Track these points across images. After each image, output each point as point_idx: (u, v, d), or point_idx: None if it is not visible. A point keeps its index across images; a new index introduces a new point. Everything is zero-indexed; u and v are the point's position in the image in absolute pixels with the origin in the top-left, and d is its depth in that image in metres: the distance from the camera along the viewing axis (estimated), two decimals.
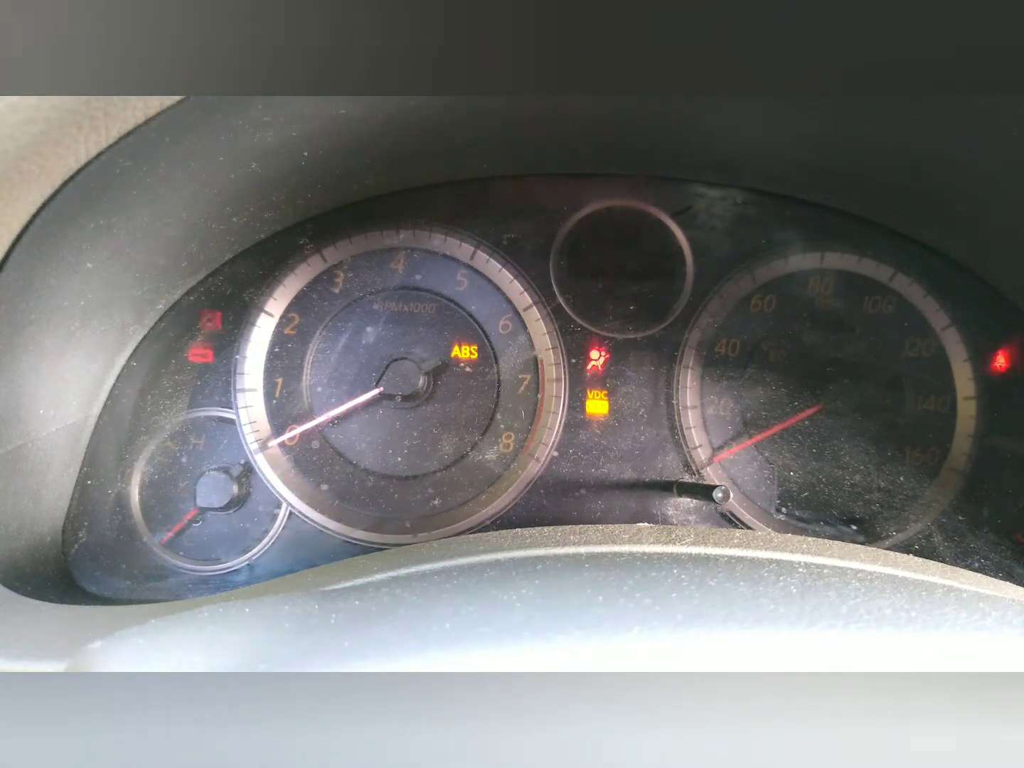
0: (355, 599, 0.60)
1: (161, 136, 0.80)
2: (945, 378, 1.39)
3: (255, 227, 1.27)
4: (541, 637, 0.48)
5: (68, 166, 0.73)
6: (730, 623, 0.49)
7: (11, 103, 0.63)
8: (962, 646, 0.48)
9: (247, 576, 1.33)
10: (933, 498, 1.39)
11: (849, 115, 1.02)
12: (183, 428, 1.35)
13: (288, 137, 0.98)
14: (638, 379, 1.40)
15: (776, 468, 1.40)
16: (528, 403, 1.38)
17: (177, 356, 1.34)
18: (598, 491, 1.39)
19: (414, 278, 1.38)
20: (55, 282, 0.92)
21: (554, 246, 1.39)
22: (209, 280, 1.33)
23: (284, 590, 0.77)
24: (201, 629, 0.54)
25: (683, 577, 0.60)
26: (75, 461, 1.21)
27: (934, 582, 0.68)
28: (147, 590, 1.29)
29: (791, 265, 1.39)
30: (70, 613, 0.80)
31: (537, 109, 1.09)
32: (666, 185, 1.39)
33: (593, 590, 0.57)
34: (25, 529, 1.07)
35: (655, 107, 1.09)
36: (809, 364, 1.39)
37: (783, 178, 1.34)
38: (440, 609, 0.54)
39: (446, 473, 1.37)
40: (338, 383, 1.36)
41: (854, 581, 0.62)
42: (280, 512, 1.35)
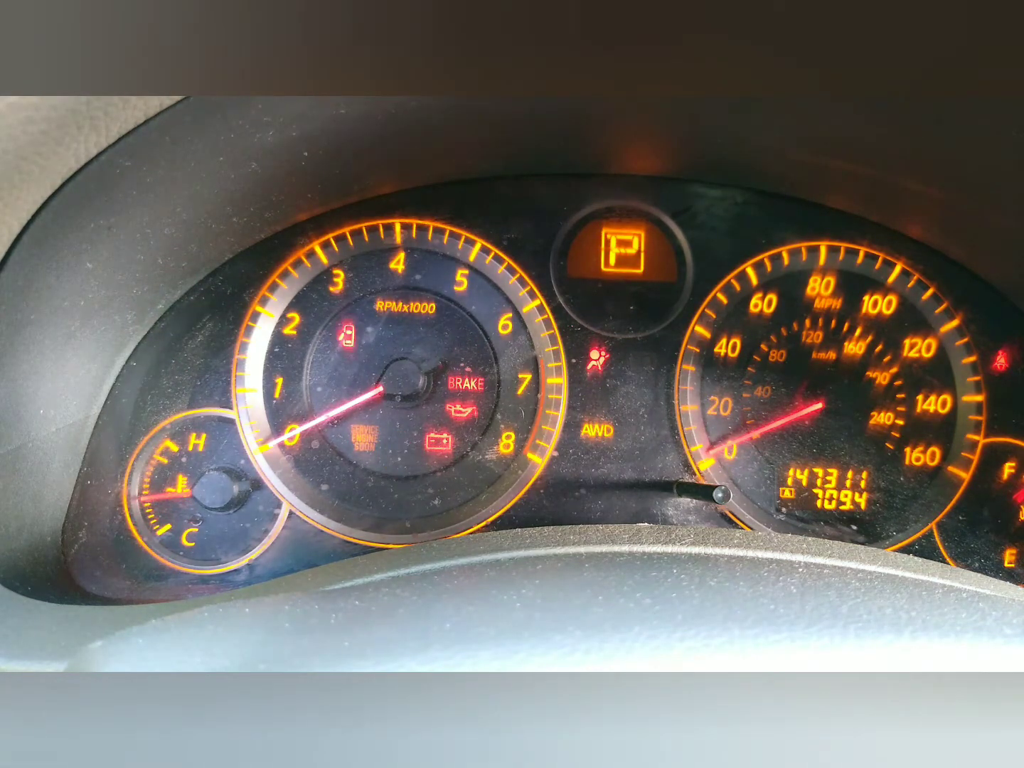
0: (355, 599, 0.60)
1: (161, 136, 0.80)
2: (945, 378, 1.39)
3: (255, 227, 1.27)
4: (541, 637, 0.48)
5: (68, 166, 0.73)
6: (730, 623, 0.49)
7: (11, 103, 0.63)
8: (962, 646, 0.48)
9: (247, 576, 1.33)
10: (933, 498, 1.40)
11: (849, 115, 1.02)
12: (183, 428, 1.35)
13: (288, 137, 0.98)
14: (638, 379, 1.40)
15: (776, 468, 1.40)
16: (528, 403, 1.38)
17: (177, 356, 1.34)
18: (598, 491, 1.39)
19: (414, 278, 1.38)
20: (55, 282, 0.92)
21: (554, 246, 1.39)
22: (209, 280, 1.33)
23: (284, 590, 0.77)
24: (201, 629, 0.54)
25: (683, 577, 0.60)
26: (75, 461, 1.21)
27: (934, 582, 0.68)
28: (147, 590, 1.29)
29: (791, 265, 1.39)
30: (70, 613, 0.80)
31: (537, 109, 1.09)
32: (666, 185, 1.39)
33: (593, 590, 0.57)
34: (25, 529, 1.07)
35: (655, 107, 1.09)
36: (809, 364, 1.39)
37: (783, 178, 1.34)
38: (440, 609, 0.54)
39: (446, 473, 1.37)
40: (338, 383, 1.36)
41: (854, 581, 0.62)
42: (280, 512, 1.35)
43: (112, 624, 0.75)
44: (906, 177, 1.17)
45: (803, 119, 1.07)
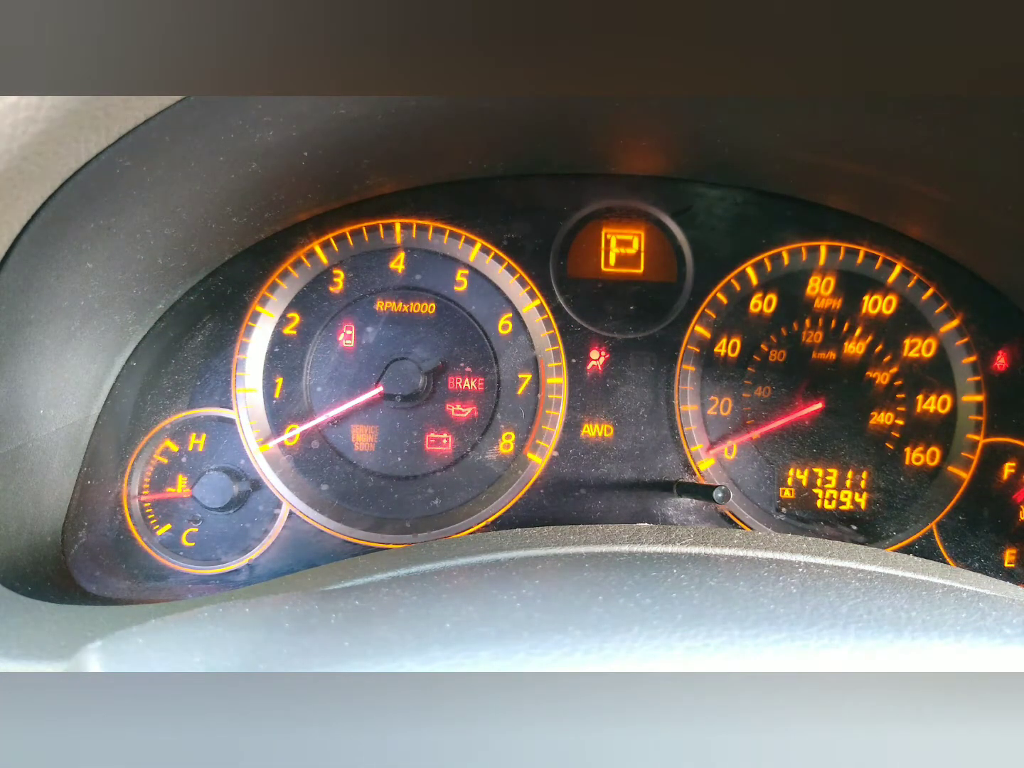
0: (355, 599, 0.60)
1: (161, 136, 0.80)
2: (945, 378, 1.39)
3: (255, 227, 1.27)
4: (541, 637, 0.48)
5: (68, 166, 0.73)
6: (730, 623, 0.49)
7: (11, 103, 0.63)
8: (962, 646, 0.48)
9: (247, 576, 1.33)
10: (933, 498, 1.40)
11: (850, 115, 1.02)
12: (183, 428, 1.35)
13: (288, 137, 0.98)
14: (638, 379, 1.40)
15: (776, 468, 1.40)
16: (528, 403, 1.38)
17: (177, 356, 1.34)
18: (598, 491, 1.39)
19: (414, 278, 1.38)
20: (55, 282, 0.92)
21: (554, 246, 1.39)
22: (209, 280, 1.33)
23: (284, 590, 0.77)
24: (201, 629, 0.54)
25: (683, 577, 0.60)
26: (75, 461, 1.21)
27: (934, 582, 0.68)
28: (147, 590, 1.29)
29: (791, 265, 1.39)
30: (70, 613, 0.79)
31: (537, 109, 1.09)
32: (666, 185, 1.39)
33: (593, 590, 0.57)
34: (25, 529, 1.07)
35: (655, 107, 1.09)
36: (809, 364, 1.39)
37: (783, 178, 1.34)
38: (440, 609, 0.54)
39: (446, 473, 1.37)
40: (338, 383, 1.36)
41: (854, 581, 0.62)
42: (280, 512, 1.35)
43: (112, 624, 0.75)
44: (906, 177, 1.17)
45: (803, 119, 1.07)
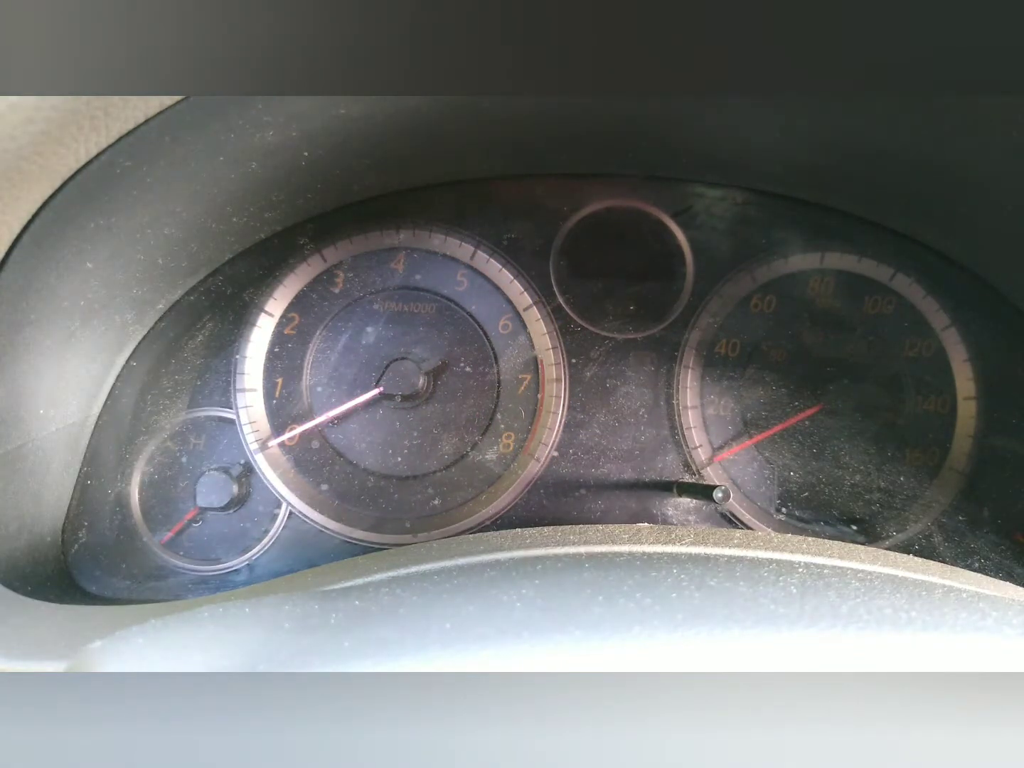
0: (355, 599, 0.60)
1: (161, 136, 0.80)
2: (945, 378, 1.39)
3: (255, 227, 1.27)
4: (541, 637, 0.48)
5: (68, 166, 0.73)
6: (730, 623, 0.49)
7: (11, 103, 0.63)
8: (962, 646, 0.48)
9: (247, 576, 1.33)
10: (933, 498, 1.39)
11: (849, 115, 1.02)
12: (183, 428, 1.35)
13: (288, 137, 0.98)
14: (638, 379, 1.40)
15: (776, 468, 1.40)
16: (528, 403, 1.38)
17: (177, 356, 1.34)
18: (598, 491, 1.39)
19: (414, 278, 1.38)
20: (55, 282, 0.92)
21: (554, 246, 1.39)
22: (209, 280, 1.33)
23: (284, 590, 0.77)
24: (201, 629, 0.54)
25: (683, 577, 0.60)
26: (75, 461, 1.21)
27: (934, 582, 0.68)
28: (147, 590, 1.28)
29: (791, 265, 1.39)
30: (70, 613, 0.80)
31: (538, 109, 1.09)
32: (666, 185, 1.39)
33: (593, 590, 0.57)
34: (25, 529, 1.07)
35: (655, 107, 1.09)
36: (809, 364, 1.39)
37: (783, 178, 1.34)
38: (440, 609, 0.54)
39: (446, 473, 1.37)
40: (338, 383, 1.36)
41: (854, 581, 0.62)
42: (280, 512, 1.35)
43: (112, 624, 0.75)
44: (906, 177, 1.17)
45: (803, 119, 1.07)
